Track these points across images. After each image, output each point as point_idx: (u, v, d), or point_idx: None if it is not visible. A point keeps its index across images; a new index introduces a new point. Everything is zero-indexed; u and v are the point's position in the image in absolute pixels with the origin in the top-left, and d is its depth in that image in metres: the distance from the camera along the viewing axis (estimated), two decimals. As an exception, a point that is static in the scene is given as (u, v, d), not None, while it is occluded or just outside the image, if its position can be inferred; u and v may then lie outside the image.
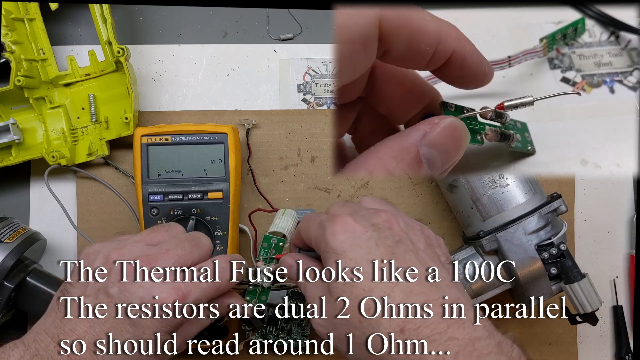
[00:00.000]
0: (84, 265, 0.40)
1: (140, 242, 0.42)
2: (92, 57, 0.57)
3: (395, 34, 0.35)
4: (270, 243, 0.48)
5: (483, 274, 0.52)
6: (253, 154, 0.59)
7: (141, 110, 0.60)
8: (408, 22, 0.35)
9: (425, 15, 0.37)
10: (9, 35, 0.54)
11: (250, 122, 0.59)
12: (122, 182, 0.58)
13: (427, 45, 0.36)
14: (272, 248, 0.48)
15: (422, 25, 0.35)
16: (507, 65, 0.51)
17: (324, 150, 0.60)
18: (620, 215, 0.63)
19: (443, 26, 0.37)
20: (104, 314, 0.38)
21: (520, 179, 0.52)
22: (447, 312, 0.34)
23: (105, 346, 0.37)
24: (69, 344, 0.37)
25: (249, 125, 0.59)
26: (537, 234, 0.51)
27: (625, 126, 0.54)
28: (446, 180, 0.54)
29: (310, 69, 0.62)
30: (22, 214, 0.58)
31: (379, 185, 0.60)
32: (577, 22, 0.47)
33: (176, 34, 0.62)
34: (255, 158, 0.59)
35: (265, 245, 0.49)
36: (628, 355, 0.60)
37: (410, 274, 0.35)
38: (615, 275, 0.62)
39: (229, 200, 0.54)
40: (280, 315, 0.55)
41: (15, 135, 0.55)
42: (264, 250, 0.48)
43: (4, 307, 0.51)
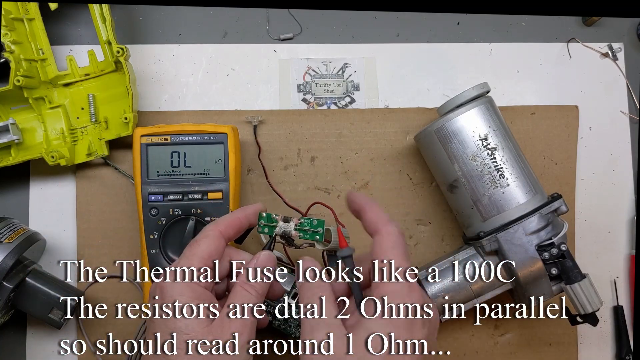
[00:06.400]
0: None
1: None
2: (91, 57, 0.57)
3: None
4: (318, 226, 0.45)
5: (483, 274, 0.52)
6: (252, 153, 0.59)
7: (141, 110, 0.60)
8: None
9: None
10: (8, 35, 0.54)
11: (257, 119, 0.59)
12: (122, 182, 0.58)
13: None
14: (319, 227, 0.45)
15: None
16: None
17: (324, 150, 0.60)
18: (621, 216, 0.63)
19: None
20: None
21: (520, 179, 0.52)
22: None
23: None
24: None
25: (256, 122, 0.59)
26: (537, 234, 0.50)
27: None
28: (446, 181, 0.54)
29: (310, 69, 0.62)
30: (22, 214, 0.58)
31: (379, 185, 0.60)
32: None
33: (176, 33, 0.61)
34: (255, 158, 0.59)
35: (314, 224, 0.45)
36: (628, 355, 0.60)
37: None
38: (616, 276, 0.62)
39: (229, 200, 0.54)
40: (281, 316, 0.55)
41: (14, 135, 0.55)
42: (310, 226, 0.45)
43: (3, 307, 0.51)
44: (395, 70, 0.62)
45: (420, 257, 0.60)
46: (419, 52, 0.63)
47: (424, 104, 0.62)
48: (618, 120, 0.63)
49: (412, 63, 0.63)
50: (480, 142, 0.52)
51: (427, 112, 0.61)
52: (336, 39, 0.63)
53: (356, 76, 0.62)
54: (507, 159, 0.52)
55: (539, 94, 0.63)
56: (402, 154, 0.61)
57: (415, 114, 0.61)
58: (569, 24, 0.64)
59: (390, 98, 0.62)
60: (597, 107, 0.63)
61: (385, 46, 0.63)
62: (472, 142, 0.52)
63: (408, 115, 0.61)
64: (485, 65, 0.63)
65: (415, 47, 0.63)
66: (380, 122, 0.61)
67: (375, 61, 0.62)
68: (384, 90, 0.62)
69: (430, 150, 0.55)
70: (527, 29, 0.64)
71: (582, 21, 0.64)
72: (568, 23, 0.64)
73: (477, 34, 0.64)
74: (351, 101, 0.62)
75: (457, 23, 0.64)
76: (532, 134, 0.61)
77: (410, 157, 0.61)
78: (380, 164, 0.60)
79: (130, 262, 0.57)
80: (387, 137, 0.61)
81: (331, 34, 0.63)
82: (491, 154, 0.52)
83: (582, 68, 0.64)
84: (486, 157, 0.52)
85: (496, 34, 0.64)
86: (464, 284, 0.53)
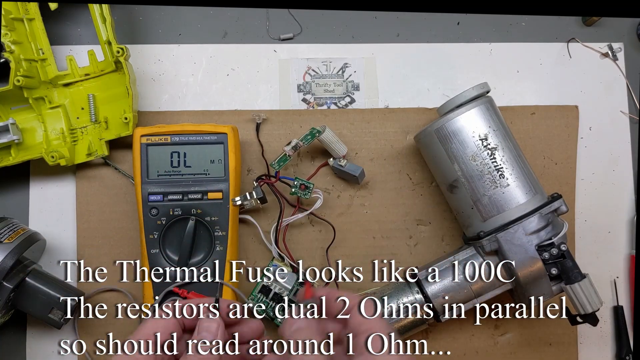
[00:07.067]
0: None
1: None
2: (91, 57, 0.57)
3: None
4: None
5: (483, 274, 0.52)
6: (252, 153, 0.59)
7: (141, 110, 0.60)
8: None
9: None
10: (8, 35, 0.54)
11: (261, 117, 0.59)
12: (122, 182, 0.58)
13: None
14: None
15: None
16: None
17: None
18: (621, 216, 0.63)
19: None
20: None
21: (520, 179, 0.52)
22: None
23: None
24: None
25: (259, 120, 0.59)
26: (537, 235, 0.50)
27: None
28: (446, 181, 0.54)
29: (310, 69, 0.62)
30: (22, 214, 0.58)
31: (379, 185, 0.60)
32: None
33: (176, 33, 0.61)
34: (255, 158, 0.59)
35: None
36: (628, 355, 0.60)
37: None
38: (616, 276, 0.62)
39: (229, 200, 0.54)
40: (281, 316, 0.55)
41: (14, 135, 0.55)
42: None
43: (3, 307, 0.51)
44: (395, 70, 0.62)
45: (420, 257, 0.60)
46: (419, 52, 0.63)
47: (424, 104, 0.62)
48: (618, 120, 0.63)
49: (412, 63, 0.63)
50: (480, 142, 0.52)
51: (427, 112, 0.61)
52: (336, 39, 0.63)
53: (356, 76, 0.62)
54: (507, 159, 0.52)
55: (539, 94, 0.63)
56: (402, 154, 0.61)
57: (415, 114, 0.61)
58: (569, 24, 0.64)
59: (390, 98, 0.62)
60: (597, 107, 0.63)
61: (385, 46, 0.63)
62: (472, 142, 0.52)
63: (408, 115, 0.61)
64: (485, 65, 0.63)
65: (415, 47, 0.63)
66: (380, 122, 0.61)
67: (375, 61, 0.62)
68: (384, 90, 0.62)
69: (430, 150, 0.55)
70: (527, 29, 0.64)
71: (582, 21, 0.64)
72: (568, 23, 0.64)
73: (477, 34, 0.64)
74: (351, 101, 0.62)
75: (457, 23, 0.64)
76: (532, 134, 0.61)
77: (410, 157, 0.61)
78: (380, 164, 0.60)
79: (130, 262, 0.57)
80: (387, 137, 0.61)
81: (331, 34, 0.63)
82: (491, 154, 0.52)
83: (582, 68, 0.64)
84: (486, 157, 0.52)
85: (496, 34, 0.64)
86: (464, 284, 0.53)
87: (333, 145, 0.57)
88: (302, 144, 0.55)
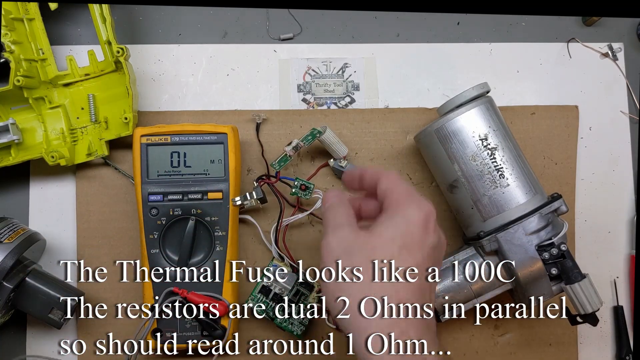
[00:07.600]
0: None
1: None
2: (91, 57, 0.57)
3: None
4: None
5: (483, 274, 0.52)
6: (253, 153, 0.59)
7: (141, 110, 0.60)
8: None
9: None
10: (8, 35, 0.54)
11: (261, 117, 0.59)
12: (122, 182, 0.58)
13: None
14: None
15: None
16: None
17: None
18: (621, 216, 0.63)
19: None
20: None
21: (520, 179, 0.52)
22: None
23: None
24: None
25: (259, 120, 0.59)
26: (537, 235, 0.50)
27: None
28: (446, 181, 0.54)
29: (310, 69, 0.62)
30: (22, 214, 0.58)
31: (379, 185, 0.60)
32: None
33: (176, 33, 0.61)
34: (255, 158, 0.59)
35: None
36: (628, 355, 0.60)
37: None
38: (616, 276, 0.62)
39: (229, 200, 0.54)
40: (281, 315, 0.55)
41: (14, 135, 0.55)
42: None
43: (3, 307, 0.51)
44: (395, 70, 0.62)
45: (420, 257, 0.60)
46: (419, 52, 0.63)
47: (424, 104, 0.62)
48: (618, 120, 0.63)
49: (412, 63, 0.63)
50: (480, 142, 0.52)
51: (427, 112, 0.61)
52: (336, 39, 0.63)
53: (356, 76, 0.62)
54: (507, 159, 0.52)
55: (539, 94, 0.63)
56: (402, 154, 0.61)
57: (415, 114, 0.61)
58: (569, 24, 0.64)
59: (390, 98, 0.62)
60: (597, 107, 0.63)
61: (385, 46, 0.63)
62: (472, 142, 0.52)
63: (408, 115, 0.61)
64: (485, 65, 0.63)
65: (415, 47, 0.63)
66: (380, 122, 0.61)
67: (375, 61, 0.62)
68: (384, 90, 0.62)
69: (430, 150, 0.55)
70: (527, 29, 0.64)
71: (582, 21, 0.64)
72: (568, 23, 0.64)
73: (477, 34, 0.64)
74: (351, 101, 0.62)
75: (457, 23, 0.64)
76: (532, 134, 0.61)
77: (410, 157, 0.61)
78: (380, 164, 0.60)
79: (130, 262, 0.57)
80: (387, 137, 0.61)
81: (331, 34, 0.63)
82: (491, 154, 0.52)
83: (582, 68, 0.64)
84: (486, 157, 0.52)
85: (496, 34, 0.64)
86: (464, 284, 0.53)
87: (334, 146, 0.57)
88: (302, 145, 0.55)
